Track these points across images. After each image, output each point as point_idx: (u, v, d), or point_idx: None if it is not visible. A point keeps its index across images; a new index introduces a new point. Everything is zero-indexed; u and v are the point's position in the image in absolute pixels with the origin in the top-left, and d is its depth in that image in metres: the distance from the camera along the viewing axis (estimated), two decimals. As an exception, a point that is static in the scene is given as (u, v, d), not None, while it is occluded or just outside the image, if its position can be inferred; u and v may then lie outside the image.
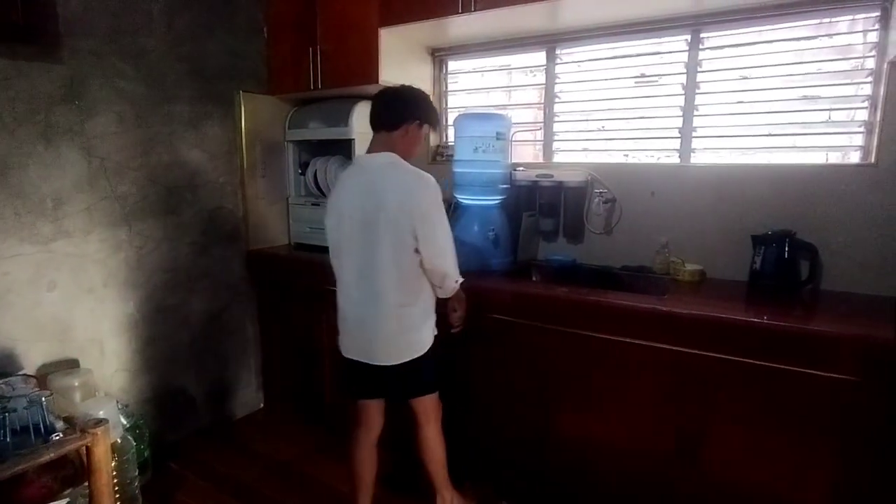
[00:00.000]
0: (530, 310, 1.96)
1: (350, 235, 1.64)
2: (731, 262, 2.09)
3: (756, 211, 2.04)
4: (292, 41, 2.60)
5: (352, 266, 1.66)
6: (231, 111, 2.58)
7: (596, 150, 2.47)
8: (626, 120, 2.36)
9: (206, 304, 2.55)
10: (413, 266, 1.63)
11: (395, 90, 1.74)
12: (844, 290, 1.91)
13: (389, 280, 1.61)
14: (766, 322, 1.56)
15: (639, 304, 1.75)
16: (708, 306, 1.71)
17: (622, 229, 2.32)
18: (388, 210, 1.57)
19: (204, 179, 2.48)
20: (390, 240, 1.58)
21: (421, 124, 1.71)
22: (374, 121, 1.71)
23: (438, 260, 1.64)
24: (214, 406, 2.64)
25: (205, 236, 2.52)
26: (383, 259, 1.59)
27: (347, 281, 1.68)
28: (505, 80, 2.70)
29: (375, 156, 1.67)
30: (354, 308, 1.68)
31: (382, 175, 1.62)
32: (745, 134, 2.14)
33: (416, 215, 1.57)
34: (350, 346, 1.73)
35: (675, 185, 2.19)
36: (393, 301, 1.62)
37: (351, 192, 1.65)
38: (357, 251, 1.64)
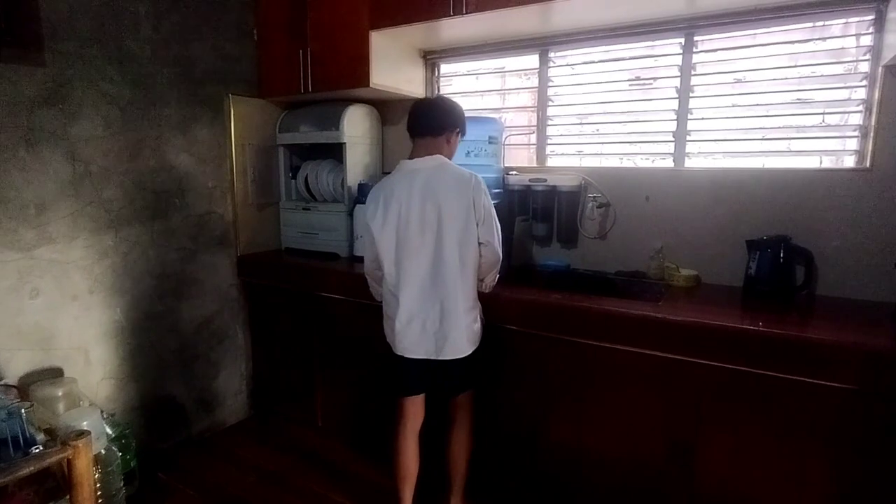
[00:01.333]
0: (522, 316, 1.93)
1: (412, 238, 1.70)
2: (726, 268, 2.07)
3: (751, 215, 2.03)
4: (283, 43, 2.57)
5: (417, 267, 1.71)
6: (220, 115, 2.54)
7: (590, 154, 2.44)
8: (621, 124, 2.34)
9: (195, 310, 2.51)
10: (475, 260, 1.74)
11: (436, 99, 1.95)
12: (840, 296, 1.90)
13: (456, 276, 1.69)
14: (760, 329, 1.54)
15: (631, 311, 1.73)
16: (702, 313, 1.68)
17: (616, 234, 2.30)
18: (450, 208, 1.67)
19: (193, 184, 2.44)
20: (456, 236, 1.68)
21: (458, 132, 1.83)
22: (418, 127, 1.78)
23: (497, 247, 1.76)
24: (204, 414, 2.60)
25: (194, 242, 2.48)
26: (451, 257, 1.68)
27: (412, 282, 1.72)
28: (498, 83, 2.68)
29: (426, 159, 1.75)
30: (423, 307, 1.72)
31: (437, 177, 1.71)
32: (739, 138, 2.13)
33: (476, 209, 1.69)
34: (413, 345, 1.74)
35: (670, 190, 2.17)
36: (462, 296, 1.71)
37: (407, 195, 1.70)
38: (422, 252, 1.70)
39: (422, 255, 1.71)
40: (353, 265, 2.47)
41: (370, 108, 2.72)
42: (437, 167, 1.73)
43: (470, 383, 1.88)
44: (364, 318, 2.19)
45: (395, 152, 2.77)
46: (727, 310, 1.75)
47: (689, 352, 1.64)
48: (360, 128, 2.65)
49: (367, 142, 2.70)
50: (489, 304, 1.89)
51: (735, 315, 1.69)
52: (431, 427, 1.90)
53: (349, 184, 2.59)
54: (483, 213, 1.71)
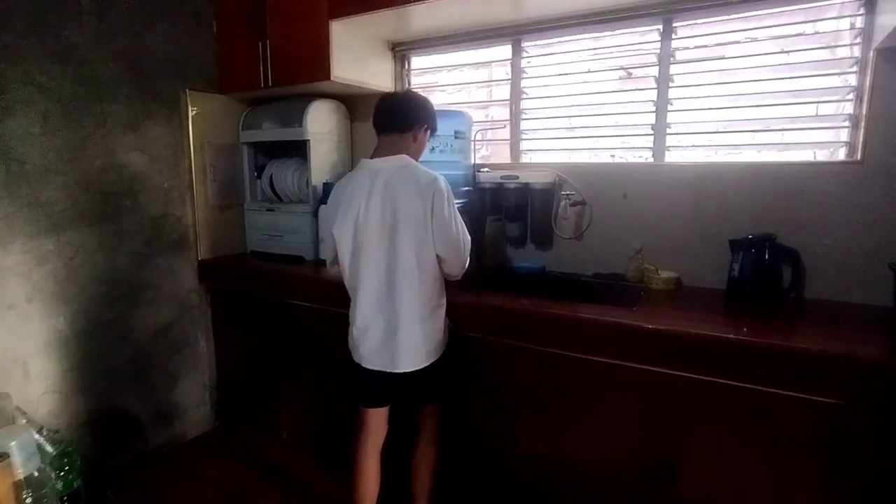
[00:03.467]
0: (488, 323, 1.79)
1: (368, 242, 1.60)
2: (708, 269, 1.93)
3: (735, 213, 1.89)
4: (242, 36, 2.43)
5: (372, 273, 1.61)
6: (176, 111, 2.40)
7: (566, 150, 2.30)
8: (597, 116, 2.20)
9: (150, 318, 2.37)
10: (435, 267, 1.61)
11: (403, 94, 1.80)
12: (829, 299, 1.76)
13: (413, 284, 1.58)
14: (741, 339, 1.40)
15: (602, 318, 1.59)
16: (679, 320, 1.55)
17: (593, 234, 2.16)
18: (407, 211, 1.55)
19: (146, 184, 2.31)
20: (413, 242, 1.56)
21: (427, 129, 1.70)
22: (383, 123, 1.67)
23: (454, 254, 1.61)
24: (162, 427, 2.46)
25: (148, 245, 2.34)
26: (406, 263, 1.57)
27: (368, 289, 1.62)
28: (472, 75, 2.54)
29: (387, 159, 1.62)
30: (378, 316, 1.62)
31: (399, 178, 1.58)
32: (722, 130, 1.99)
33: (434, 216, 1.55)
34: (370, 354, 1.64)
35: (649, 187, 2.03)
36: (418, 304, 1.60)
37: (366, 196, 1.59)
38: (378, 258, 1.60)
39: (379, 260, 1.61)
40: (319, 269, 2.33)
41: (337, 103, 2.58)
42: (399, 168, 1.60)
43: (434, 395, 1.78)
44: (330, 325, 2.04)
45: (365, 150, 2.62)
46: (707, 316, 1.61)
47: (665, 363, 1.50)
48: (326, 124, 2.52)
49: (334, 139, 2.57)
50: (454, 309, 1.75)
51: (715, 322, 1.55)
52: (395, 438, 1.77)
53: (314, 183, 2.45)
54: (440, 222, 1.55)
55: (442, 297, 1.69)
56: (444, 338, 1.70)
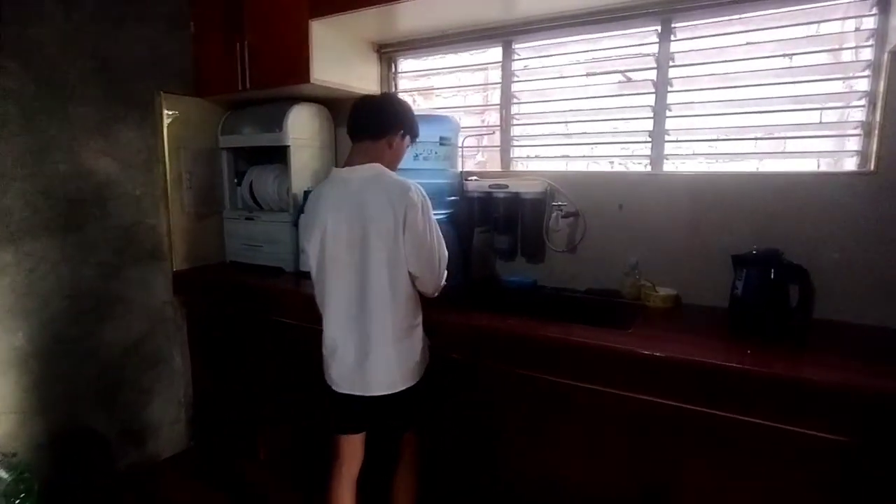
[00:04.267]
0: (473, 344, 1.66)
1: (337, 257, 1.48)
2: (709, 286, 1.79)
3: (738, 227, 1.76)
4: (220, 36, 2.32)
5: (341, 291, 1.50)
6: (150, 115, 2.29)
7: (559, 158, 2.18)
8: (591, 123, 2.07)
9: (120, 333, 2.25)
10: (410, 284, 1.50)
11: (379, 97, 1.67)
12: (840, 320, 1.63)
13: (385, 302, 1.46)
14: (744, 368, 1.27)
15: (594, 342, 1.45)
16: (678, 344, 1.42)
17: (587, 247, 2.03)
18: (379, 226, 1.43)
19: (116, 192, 2.19)
20: (384, 258, 1.44)
21: (405, 136, 1.58)
22: (356, 128, 1.56)
23: (427, 271, 1.49)
24: (132, 447, 2.33)
25: (118, 256, 2.22)
26: (378, 280, 1.45)
27: (337, 307, 1.51)
28: (463, 79, 2.42)
29: (358, 168, 1.50)
30: (347, 337, 1.50)
31: (369, 188, 1.46)
32: (724, 138, 1.86)
33: (407, 227, 1.42)
34: (340, 378, 1.53)
35: (646, 197, 1.91)
36: (391, 325, 1.48)
37: (335, 209, 1.48)
38: (346, 274, 1.48)
39: (349, 277, 1.49)
40: (299, 281, 2.21)
41: (319, 107, 2.46)
42: (370, 178, 1.48)
43: (412, 421, 1.66)
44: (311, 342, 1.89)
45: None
46: (707, 340, 1.48)
47: (661, 392, 1.37)
48: (308, 129, 2.40)
49: (316, 144, 2.45)
50: (434, 328, 1.63)
51: (716, 348, 1.41)
52: (373, 466, 1.65)
53: (294, 191, 2.33)
54: (413, 236, 1.43)
55: (418, 316, 1.57)
56: (423, 359, 1.58)
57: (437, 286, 1.55)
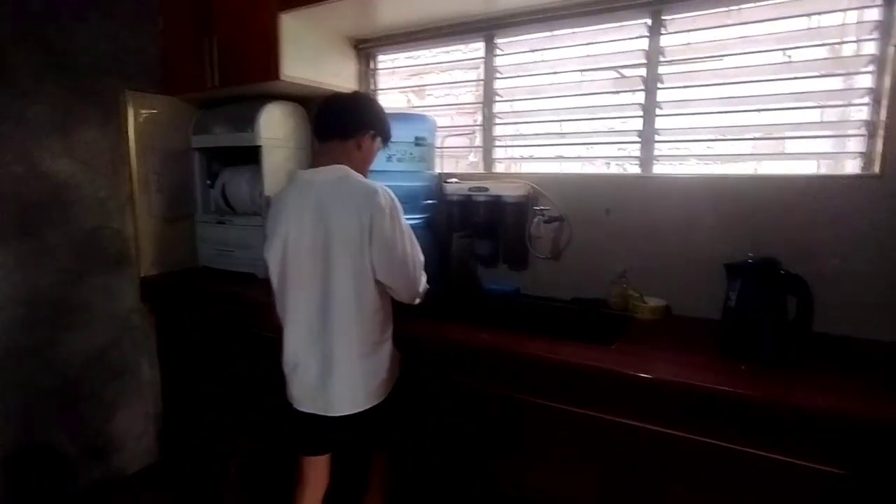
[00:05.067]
0: (445, 358, 1.55)
1: (299, 267, 1.38)
2: (701, 296, 1.67)
3: (732, 233, 1.64)
4: (189, 31, 2.20)
5: (303, 303, 1.39)
6: (115, 114, 2.17)
7: (544, 159, 2.07)
8: (578, 122, 1.95)
9: (82, 342, 2.13)
10: (377, 296, 1.39)
11: (348, 95, 1.53)
12: (842, 334, 1.51)
13: (350, 316, 1.36)
14: (731, 391, 1.15)
15: (569, 359, 1.33)
16: (662, 363, 1.30)
17: (572, 254, 1.92)
18: (343, 233, 1.33)
19: (77, 195, 2.07)
20: (349, 268, 1.34)
21: (375, 136, 1.49)
22: (321, 129, 1.47)
23: (401, 279, 1.40)
24: (95, 462, 2.21)
25: (80, 262, 2.10)
26: (342, 291, 1.35)
27: (298, 321, 1.41)
28: (443, 77, 2.30)
29: (322, 170, 1.40)
30: (306, 352, 1.40)
31: (333, 192, 1.36)
32: (718, 138, 1.74)
33: (373, 232, 1.32)
34: (301, 396, 1.44)
35: (635, 201, 1.79)
36: (357, 340, 1.38)
37: (297, 215, 1.38)
38: (309, 285, 1.38)
39: (311, 288, 1.39)
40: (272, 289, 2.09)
41: (295, 106, 2.34)
42: (334, 181, 1.38)
43: (379, 442, 1.56)
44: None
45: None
46: (694, 357, 1.36)
47: (641, 415, 1.25)
48: (282, 129, 2.28)
49: (291, 145, 2.33)
50: (403, 340, 1.51)
51: (703, 366, 1.29)
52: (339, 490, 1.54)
53: (267, 193, 2.21)
54: (381, 243, 1.33)
55: (387, 331, 1.46)
56: (391, 376, 1.47)
57: (416, 293, 1.45)
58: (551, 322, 1.77)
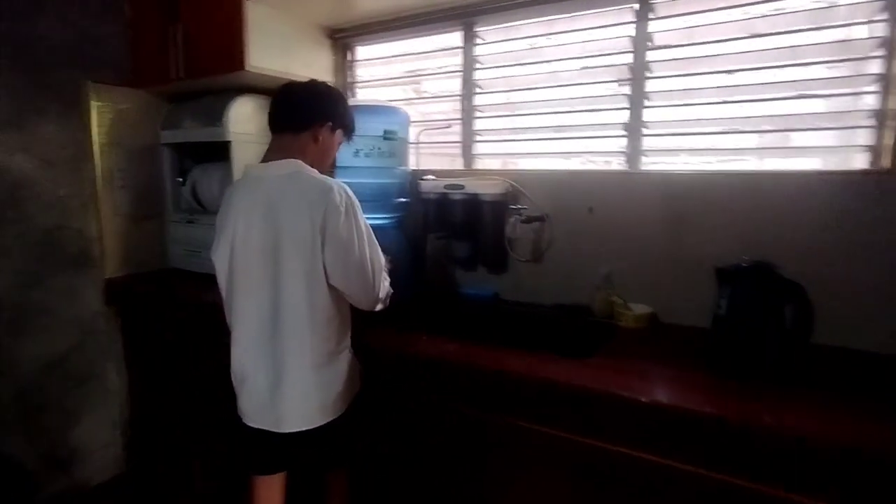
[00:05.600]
0: (408, 370, 1.42)
1: (247, 270, 1.27)
2: (691, 303, 1.54)
3: (725, 235, 1.51)
4: (155, 20, 2.09)
5: (252, 310, 1.28)
6: (77, 107, 2.07)
7: (525, 154, 1.93)
8: (562, 115, 1.82)
9: (40, 347, 2.03)
10: (331, 303, 1.27)
11: (302, 83, 1.39)
12: (845, 346, 1.37)
13: (302, 323, 1.25)
14: (713, 414, 1.02)
15: (543, 375, 1.21)
16: (637, 379, 1.17)
17: (554, 256, 1.78)
18: (293, 234, 1.22)
19: (34, 192, 1.97)
20: (300, 271, 1.23)
21: (334, 128, 1.38)
22: (273, 120, 1.37)
23: (358, 284, 1.27)
24: (59, 474, 2.11)
25: (38, 263, 2.00)
26: (293, 297, 1.24)
27: (246, 329, 1.30)
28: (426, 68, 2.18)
29: (271, 165, 1.30)
30: (255, 362, 1.29)
31: (283, 189, 1.25)
32: (710, 131, 1.60)
33: (326, 233, 1.21)
34: (252, 411, 1.32)
35: (620, 199, 1.66)
36: (308, 350, 1.26)
37: (245, 213, 1.27)
38: (258, 289, 1.26)
39: (260, 293, 1.27)
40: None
41: (268, 99, 2.21)
42: (285, 177, 1.26)
43: (337, 460, 1.44)
44: None
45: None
46: (677, 372, 1.22)
47: (616, 439, 1.12)
48: (253, 123, 2.15)
49: (264, 140, 2.18)
50: (364, 350, 1.40)
51: (685, 384, 1.16)
52: None
53: (237, 191, 2.09)
54: (335, 244, 1.22)
55: (343, 340, 1.34)
56: (349, 390, 1.35)
57: (375, 299, 1.32)
58: (528, 330, 1.64)
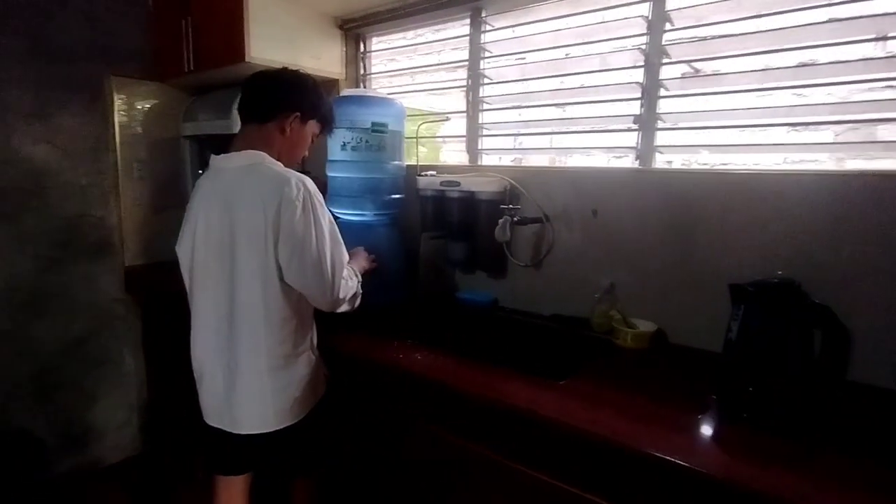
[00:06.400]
0: (375, 380, 1.33)
1: (206, 265, 1.24)
2: (702, 322, 1.34)
3: (743, 244, 1.29)
4: (173, 12, 2.12)
5: (209, 306, 1.25)
6: (99, 99, 2.14)
7: (529, 150, 1.78)
8: (565, 106, 1.66)
9: (59, 330, 2.12)
10: (287, 302, 1.21)
11: (268, 72, 1.32)
12: (885, 387, 1.12)
13: (257, 323, 1.20)
14: (707, 474, 0.84)
15: (499, 396, 1.07)
16: (611, 409, 1.00)
17: (554, 262, 1.62)
18: (248, 228, 1.16)
19: (57, 181, 2.05)
20: (255, 269, 1.18)
21: (304, 119, 1.29)
22: (239, 109, 1.31)
23: (315, 283, 1.19)
24: (72, 451, 2.20)
25: (59, 249, 2.09)
26: (248, 295, 1.19)
27: (204, 325, 1.27)
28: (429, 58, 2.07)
29: (233, 156, 1.24)
30: (212, 360, 1.26)
31: (239, 181, 1.19)
32: (733, 124, 1.38)
33: (281, 229, 1.14)
34: (209, 409, 1.30)
35: (628, 200, 1.47)
36: (264, 351, 1.21)
37: (205, 206, 1.24)
38: (215, 285, 1.23)
39: (217, 289, 1.24)
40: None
41: (279, 91, 2.20)
42: (244, 168, 1.21)
43: (299, 468, 1.39)
44: None
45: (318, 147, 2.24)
46: (664, 408, 1.04)
47: (570, 479, 0.97)
48: (263, 116, 2.14)
49: (274, 133, 2.19)
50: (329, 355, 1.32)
51: (669, 425, 0.98)
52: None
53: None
54: (289, 239, 1.15)
55: (302, 343, 1.27)
56: (309, 395, 1.29)
57: (335, 300, 1.23)
58: (515, 343, 1.51)
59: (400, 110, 1.69)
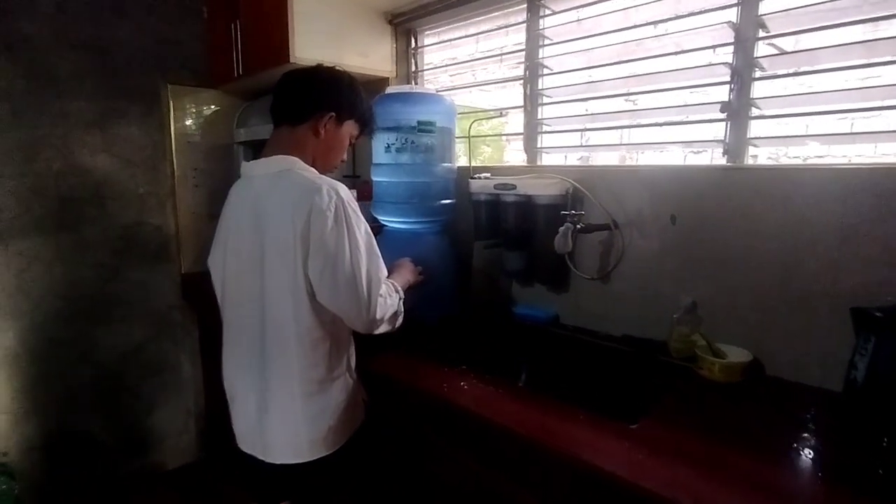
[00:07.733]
0: (418, 410, 1.19)
1: (238, 279, 1.16)
2: (809, 351, 1.10)
3: (867, 259, 1.03)
4: (224, 19, 2.09)
5: (240, 324, 1.17)
6: (156, 109, 2.15)
7: (597, 147, 1.58)
8: (643, 96, 1.44)
9: (119, 336, 2.15)
10: (321, 321, 1.09)
11: (301, 69, 1.22)
12: None
13: (289, 344, 1.10)
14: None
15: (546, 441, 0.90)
16: (685, 466, 0.80)
17: (625, 275, 1.41)
18: (277, 241, 1.07)
19: (116, 190, 2.08)
20: (285, 285, 1.07)
21: (340, 120, 1.18)
22: (272, 111, 1.21)
23: (348, 303, 1.06)
24: (133, 455, 2.24)
25: (118, 257, 2.12)
26: (278, 314, 1.09)
27: (234, 341, 1.20)
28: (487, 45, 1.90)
29: (262, 162, 1.16)
30: (243, 381, 1.18)
31: (268, 190, 1.10)
32: (850, 108, 1.12)
33: (313, 242, 1.03)
34: (241, 434, 1.23)
35: (715, 205, 1.24)
36: (297, 375, 1.10)
37: (236, 217, 1.17)
38: (247, 302, 1.14)
39: (249, 306, 1.14)
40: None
41: (329, 93, 2.12)
42: (275, 175, 1.11)
43: (334, 499, 1.26)
44: None
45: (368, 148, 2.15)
46: (774, 469, 0.82)
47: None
48: (312, 119, 2.08)
49: (323, 137, 2.11)
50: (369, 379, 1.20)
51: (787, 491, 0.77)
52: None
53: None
54: (320, 253, 1.03)
55: (338, 367, 1.16)
56: (347, 423, 1.18)
57: (372, 321, 1.10)
58: (578, 369, 1.31)
59: (449, 107, 1.55)
